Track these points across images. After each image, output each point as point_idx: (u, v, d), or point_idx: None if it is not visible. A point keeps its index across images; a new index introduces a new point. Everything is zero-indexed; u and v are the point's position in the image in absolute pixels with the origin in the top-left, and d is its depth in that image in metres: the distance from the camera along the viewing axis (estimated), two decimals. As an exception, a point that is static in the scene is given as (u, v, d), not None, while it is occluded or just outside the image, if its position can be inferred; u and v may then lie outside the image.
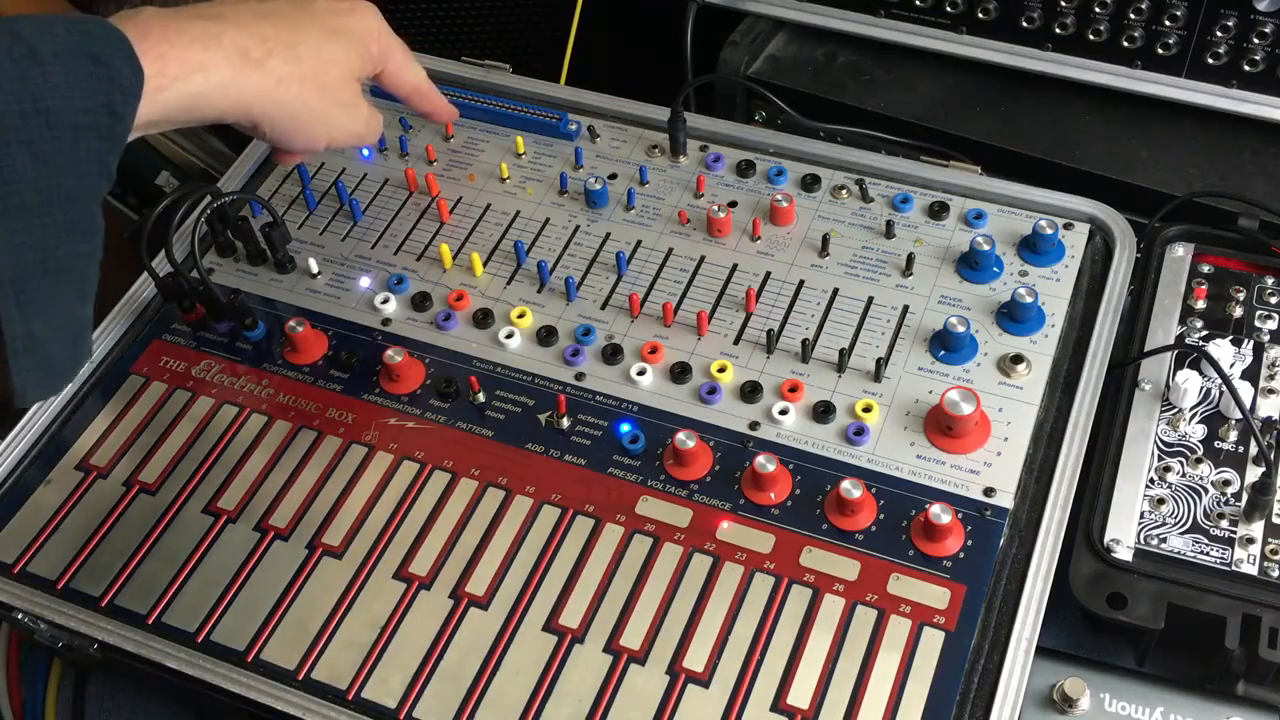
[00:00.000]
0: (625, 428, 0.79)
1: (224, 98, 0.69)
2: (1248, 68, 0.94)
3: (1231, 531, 0.74)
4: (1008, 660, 0.68)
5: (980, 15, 1.01)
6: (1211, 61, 0.95)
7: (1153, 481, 0.77)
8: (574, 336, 0.85)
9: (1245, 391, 0.79)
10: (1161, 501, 0.76)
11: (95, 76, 0.59)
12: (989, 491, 0.75)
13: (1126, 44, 0.97)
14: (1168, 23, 0.95)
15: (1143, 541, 0.74)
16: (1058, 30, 0.99)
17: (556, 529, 0.76)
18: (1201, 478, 0.77)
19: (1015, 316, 0.82)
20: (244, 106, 0.71)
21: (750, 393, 0.80)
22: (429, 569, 0.75)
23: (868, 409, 0.79)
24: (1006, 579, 0.72)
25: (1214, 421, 0.79)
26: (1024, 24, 1.00)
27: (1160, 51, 0.96)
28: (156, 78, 0.64)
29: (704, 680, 0.70)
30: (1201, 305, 0.85)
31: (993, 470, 0.76)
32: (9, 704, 0.91)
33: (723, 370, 0.82)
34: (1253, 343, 0.82)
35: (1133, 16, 0.96)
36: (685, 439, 0.77)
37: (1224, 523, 0.75)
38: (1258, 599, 0.71)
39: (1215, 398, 0.80)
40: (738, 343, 0.84)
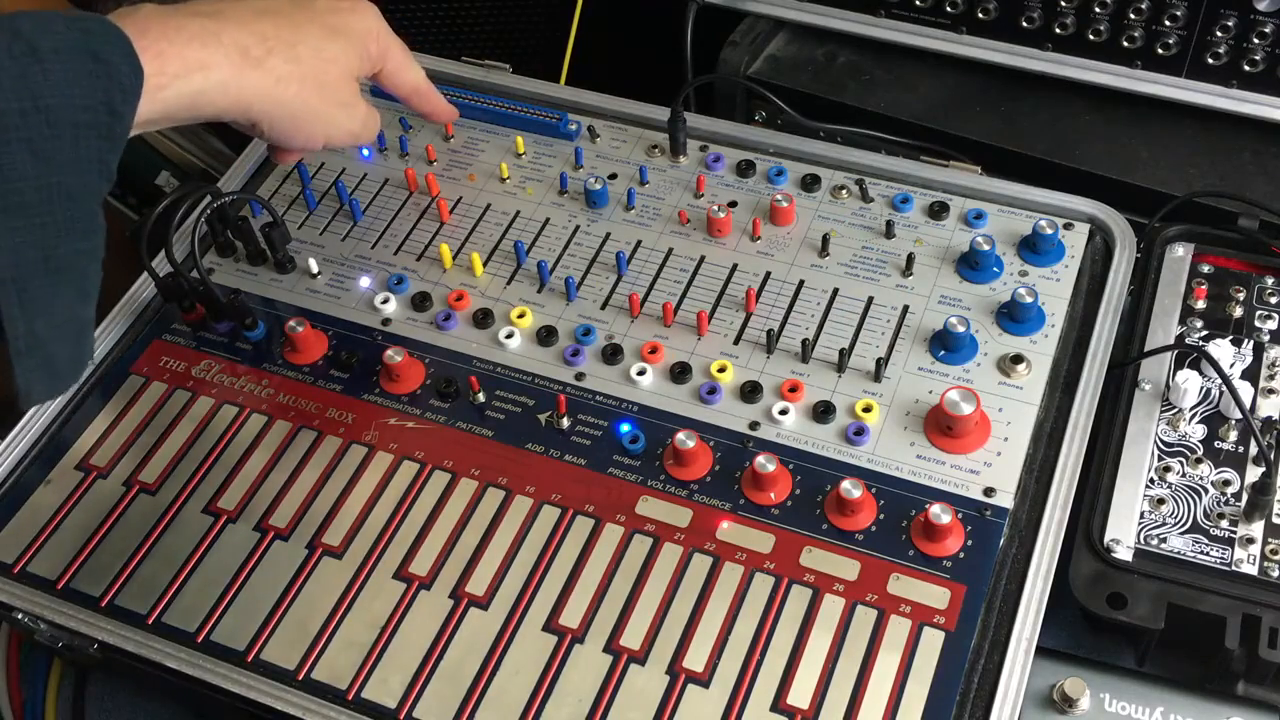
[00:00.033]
0: (625, 428, 0.79)
1: (223, 96, 0.69)
2: (1248, 68, 0.94)
3: (1231, 531, 0.74)
4: (1008, 660, 0.68)
5: (980, 15, 1.01)
6: (1211, 61, 0.95)
7: (1153, 481, 0.77)
8: (574, 336, 0.85)
9: (1245, 391, 0.79)
10: (1161, 501, 0.76)
11: (95, 74, 0.59)
12: (989, 491, 0.75)
13: (1126, 44, 0.97)
14: (1168, 23, 0.95)
15: (1143, 541, 0.74)
16: (1058, 30, 0.99)
17: (556, 529, 0.76)
18: (1201, 478, 0.77)
19: (1015, 316, 0.82)
20: (243, 105, 0.71)
21: (750, 393, 0.80)
22: (429, 569, 0.75)
23: (868, 409, 0.79)
24: (1006, 579, 0.72)
25: (1214, 421, 0.79)
26: (1024, 24, 1.00)
27: (1160, 51, 0.96)
28: (156, 76, 0.64)
29: (704, 680, 0.70)
30: (1201, 305, 0.85)
31: (993, 470, 0.76)
32: (9, 704, 0.91)
33: (723, 370, 0.82)
34: (1253, 343, 0.82)
35: (1133, 16, 0.96)
36: (685, 439, 0.77)
37: (1224, 523, 0.75)
38: (1258, 599, 0.71)
39: (1215, 398, 0.80)
40: (738, 343, 0.84)
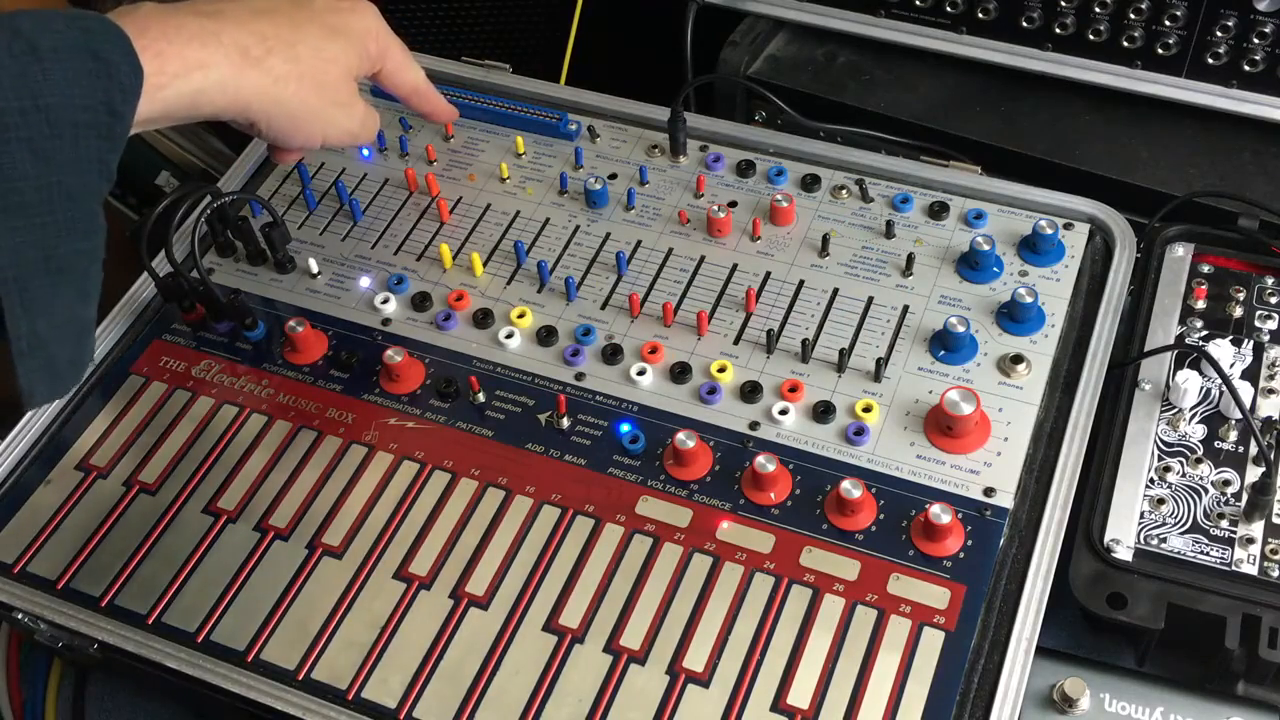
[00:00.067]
0: (625, 428, 0.79)
1: (222, 95, 0.69)
2: (1248, 68, 0.94)
3: (1231, 531, 0.74)
4: (1008, 660, 0.68)
5: (980, 15, 1.01)
6: (1211, 61, 0.95)
7: (1153, 481, 0.77)
8: (574, 336, 0.85)
9: (1245, 391, 0.79)
10: (1161, 501, 0.76)
11: (95, 74, 0.59)
12: (989, 491, 0.75)
13: (1126, 44, 0.97)
14: (1168, 23, 0.95)
15: (1143, 541, 0.74)
16: (1058, 30, 0.99)
17: (556, 529, 0.76)
18: (1201, 478, 0.77)
19: (1015, 316, 0.82)
20: (242, 104, 0.71)
21: (750, 393, 0.80)
22: (429, 569, 0.75)
23: (868, 409, 0.79)
24: (1006, 579, 0.72)
25: (1214, 421, 0.79)
26: (1024, 24, 1.00)
27: (1160, 51, 0.96)
28: (155, 75, 0.64)
29: (704, 680, 0.70)
30: (1201, 305, 0.85)
31: (993, 470, 0.76)
32: (9, 704, 0.91)
33: (723, 370, 0.82)
34: (1253, 343, 0.82)
35: (1133, 16, 0.96)
36: (685, 439, 0.77)
37: (1224, 523, 0.75)
38: (1258, 599, 0.71)
39: (1215, 398, 0.80)
40: (738, 343, 0.84)
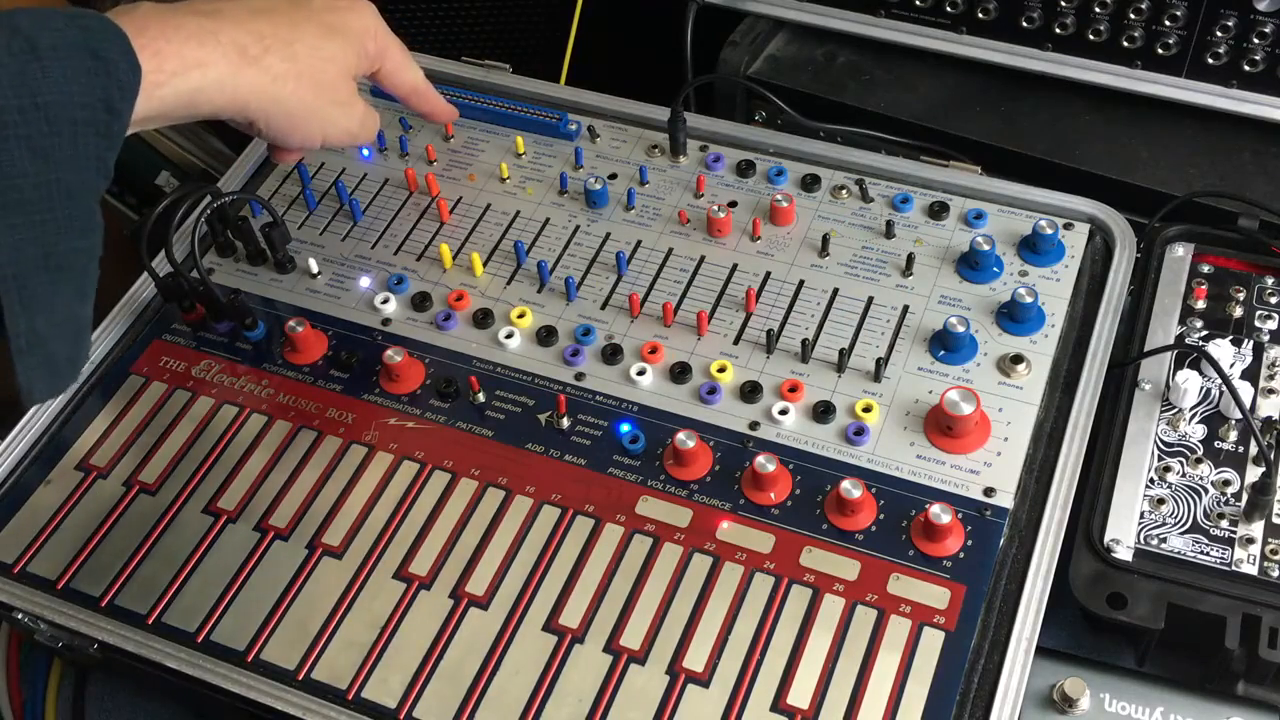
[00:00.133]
0: (625, 428, 0.79)
1: (220, 94, 0.69)
2: (1248, 68, 0.94)
3: (1231, 531, 0.74)
4: (1008, 660, 0.68)
5: (980, 15, 1.01)
6: (1211, 61, 0.95)
7: (1153, 481, 0.77)
8: (574, 336, 0.85)
9: (1245, 391, 0.79)
10: (1161, 501, 0.76)
11: (93, 72, 0.59)
12: (989, 491, 0.75)
13: (1126, 44, 0.97)
14: (1168, 23, 0.95)
15: (1143, 541, 0.74)
16: (1058, 30, 0.99)
17: (556, 529, 0.76)
18: (1201, 478, 0.77)
19: (1015, 316, 0.82)
20: (240, 103, 0.71)
21: (750, 393, 0.80)
22: (429, 569, 0.75)
23: (868, 409, 0.79)
24: (1006, 579, 0.72)
25: (1214, 421, 0.79)
26: (1024, 24, 1.00)
27: (1160, 51, 0.96)
28: (154, 74, 0.64)
29: (704, 680, 0.70)
30: (1201, 305, 0.85)
31: (993, 470, 0.76)
32: (9, 704, 0.90)
33: (723, 370, 0.82)
34: (1253, 343, 0.82)
35: (1133, 16, 0.96)
36: (685, 439, 0.76)
37: (1224, 523, 0.75)
38: (1258, 599, 0.71)
39: (1215, 398, 0.80)
40: (738, 343, 0.84)
